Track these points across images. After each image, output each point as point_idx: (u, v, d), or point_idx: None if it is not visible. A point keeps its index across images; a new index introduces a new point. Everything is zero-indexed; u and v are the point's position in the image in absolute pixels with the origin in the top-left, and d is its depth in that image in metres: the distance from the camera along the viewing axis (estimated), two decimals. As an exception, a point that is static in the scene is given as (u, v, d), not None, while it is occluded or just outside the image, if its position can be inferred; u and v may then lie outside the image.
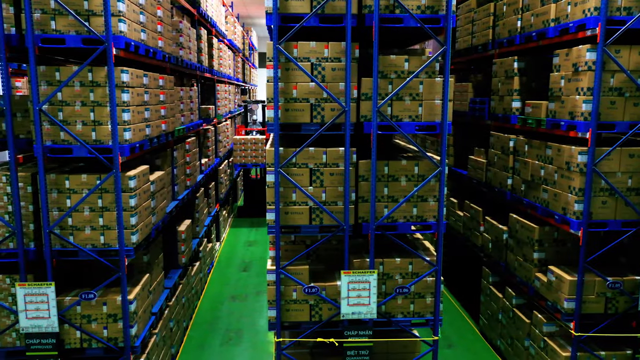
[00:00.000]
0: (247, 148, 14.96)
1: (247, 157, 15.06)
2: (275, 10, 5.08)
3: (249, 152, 15.02)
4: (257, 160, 15.19)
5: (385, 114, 5.38)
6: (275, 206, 5.43)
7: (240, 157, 15.07)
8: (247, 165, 15.05)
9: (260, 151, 15.06)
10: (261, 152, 15.05)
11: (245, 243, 13.57)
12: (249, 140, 14.85)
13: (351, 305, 5.58)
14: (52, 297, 5.33)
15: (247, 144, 14.92)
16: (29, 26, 4.92)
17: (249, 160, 15.07)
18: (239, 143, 14.96)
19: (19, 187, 5.27)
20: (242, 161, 15.04)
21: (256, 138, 15.00)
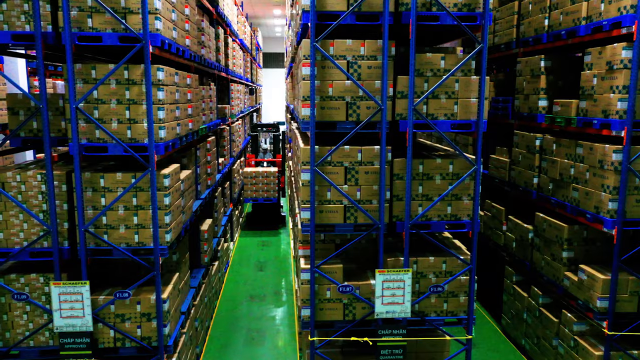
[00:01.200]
0: (258, 182, 14.09)
1: (259, 192, 14.20)
2: (312, 8, 5.06)
3: (260, 187, 14.18)
4: (269, 194, 14.24)
5: (420, 112, 5.36)
6: (310, 205, 5.41)
7: (251, 192, 14.21)
8: (259, 200, 14.20)
9: (273, 185, 14.12)
10: (273, 187, 14.12)
11: (258, 243, 13.55)
12: (260, 173, 13.98)
13: (385, 304, 5.56)
14: (86, 296, 5.30)
15: (258, 178, 14.05)
16: (67, 24, 4.89)
17: (260, 195, 14.20)
18: (250, 177, 14.08)
19: (54, 186, 5.24)
20: (253, 195, 14.20)
21: (268, 171, 14.05)
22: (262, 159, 15.21)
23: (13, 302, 5.47)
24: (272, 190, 14.09)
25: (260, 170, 14.02)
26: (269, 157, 15.95)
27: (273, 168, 14.26)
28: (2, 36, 4.98)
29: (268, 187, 14.11)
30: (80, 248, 5.28)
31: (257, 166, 15.12)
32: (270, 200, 14.09)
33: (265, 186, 14.09)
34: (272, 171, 13.93)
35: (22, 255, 5.35)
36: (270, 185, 14.06)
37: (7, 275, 5.44)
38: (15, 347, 5.50)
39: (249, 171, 14.00)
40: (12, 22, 5.01)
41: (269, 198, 14.15)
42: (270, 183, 14.04)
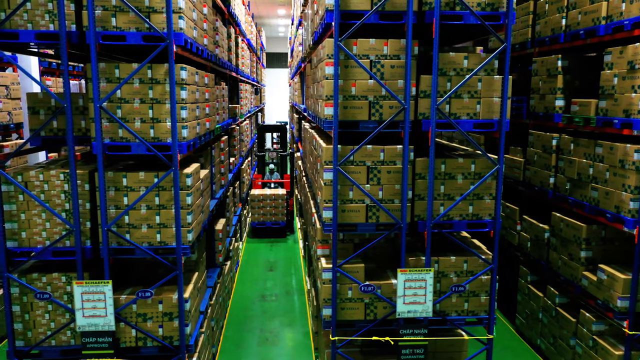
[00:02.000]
0: (266, 205, 13.35)
1: (267, 215, 13.42)
2: (337, 7, 5.05)
3: (268, 210, 13.39)
4: (277, 218, 13.48)
5: (443, 111, 5.36)
6: (333, 204, 5.40)
7: (258, 215, 13.45)
8: (266, 224, 13.46)
9: (281, 208, 13.40)
10: (281, 210, 13.40)
11: (267, 242, 13.54)
12: (268, 196, 13.22)
13: (407, 304, 5.55)
14: (109, 295, 5.30)
15: (266, 201, 13.29)
16: (91, 23, 4.89)
17: (268, 219, 13.43)
18: (257, 200, 13.28)
19: (77, 185, 5.23)
20: (260, 219, 13.49)
21: (276, 193, 13.29)
22: (269, 180, 14.41)
23: (35, 302, 5.46)
24: (280, 213, 13.41)
25: (268, 192, 13.31)
26: (276, 178, 15.01)
27: (281, 190, 13.58)
28: (27, 35, 4.97)
29: (276, 210, 13.42)
30: (103, 247, 5.28)
31: (263, 187, 14.32)
32: (278, 224, 13.45)
33: (273, 209, 13.41)
34: (281, 194, 13.25)
35: (44, 255, 5.35)
36: (279, 208, 13.37)
37: (29, 274, 5.43)
38: (37, 346, 5.49)
39: (257, 194, 13.28)
40: (36, 22, 5.01)
41: (277, 222, 13.46)
42: (278, 206, 13.35)
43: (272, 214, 13.38)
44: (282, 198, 13.19)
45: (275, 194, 13.21)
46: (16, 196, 5.28)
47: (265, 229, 13.69)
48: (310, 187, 8.61)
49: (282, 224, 13.41)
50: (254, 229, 13.71)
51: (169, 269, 5.95)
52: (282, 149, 14.93)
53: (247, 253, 12.61)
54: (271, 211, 13.35)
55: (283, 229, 13.68)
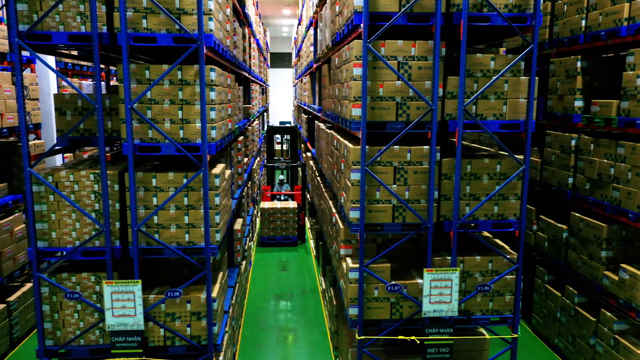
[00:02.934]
0: (276, 219, 12.70)
1: (277, 230, 12.82)
2: (365, 9, 5.09)
3: (278, 224, 12.76)
4: (288, 232, 12.87)
5: (470, 112, 5.40)
6: (360, 204, 5.45)
7: (268, 230, 12.84)
8: (277, 239, 12.86)
9: (292, 222, 12.79)
10: (292, 224, 12.80)
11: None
12: (278, 209, 12.61)
13: (433, 303, 5.60)
14: (138, 295, 5.34)
15: (276, 215, 12.66)
16: (123, 25, 4.93)
17: (278, 233, 12.85)
18: (268, 213, 12.65)
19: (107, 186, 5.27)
20: (270, 234, 12.87)
21: (287, 207, 12.68)
22: (278, 192, 13.84)
23: (64, 301, 5.50)
24: (291, 228, 12.86)
25: (278, 206, 12.72)
26: (286, 189, 14.39)
27: (292, 203, 13.02)
28: (59, 37, 5.01)
29: (287, 224, 12.85)
30: (133, 247, 5.31)
31: (272, 199, 13.69)
32: (289, 239, 12.89)
33: (284, 224, 12.82)
34: (292, 207, 12.66)
35: (74, 254, 5.38)
36: (290, 222, 12.82)
37: (58, 274, 5.47)
38: (66, 345, 5.53)
39: (267, 207, 12.67)
40: (68, 23, 5.04)
41: (288, 237, 12.90)
42: (289, 220, 12.79)
43: (283, 228, 12.85)
44: (293, 212, 12.67)
45: (286, 207, 12.64)
46: (47, 196, 5.32)
47: (275, 245, 13.14)
48: (328, 187, 8.65)
49: (293, 238, 12.90)
50: (264, 243, 13.12)
51: (194, 269, 5.99)
52: (292, 159, 14.22)
53: (259, 252, 12.65)
54: (282, 225, 12.81)
55: (294, 244, 13.13)
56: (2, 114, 7.45)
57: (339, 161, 6.53)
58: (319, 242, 11.35)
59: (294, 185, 14.17)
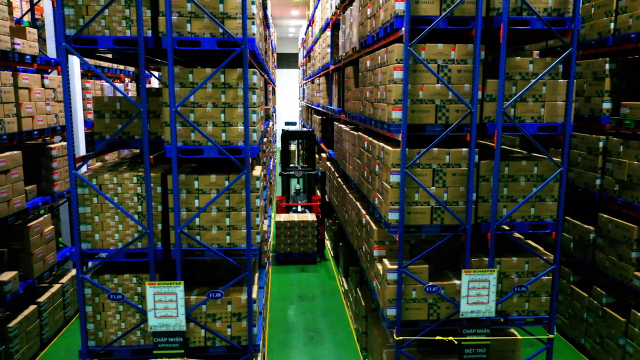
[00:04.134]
0: (294, 233, 11.48)
1: (294, 245, 11.60)
2: (407, 13, 5.14)
3: (295, 239, 11.55)
4: (307, 248, 11.61)
5: (508, 114, 5.45)
6: (399, 206, 5.50)
7: (285, 245, 11.61)
8: (294, 256, 11.65)
9: (311, 237, 11.54)
10: (311, 239, 11.55)
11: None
12: (296, 223, 11.40)
13: (470, 304, 5.65)
14: (180, 296, 5.39)
15: (294, 229, 11.45)
16: (169, 29, 4.98)
17: (296, 249, 11.63)
18: (284, 227, 11.46)
19: (151, 188, 5.32)
20: (287, 250, 11.64)
21: (306, 220, 11.46)
22: (294, 203, 12.68)
23: (107, 302, 5.56)
24: (309, 243, 11.65)
25: (296, 219, 11.50)
26: (303, 200, 13.21)
27: (310, 215, 11.84)
28: (105, 41, 5.06)
29: (305, 239, 11.61)
30: (176, 249, 5.37)
31: (288, 211, 12.68)
32: (308, 255, 11.69)
33: (302, 238, 11.58)
34: (310, 220, 11.48)
35: (117, 256, 5.44)
36: (308, 237, 11.59)
37: (101, 275, 5.52)
38: (109, 346, 5.58)
39: (283, 220, 11.45)
40: (114, 27, 5.10)
41: (306, 252, 11.68)
42: (308, 235, 11.56)
43: (301, 243, 11.65)
44: (312, 225, 11.49)
45: (305, 220, 11.48)
46: (90, 199, 5.37)
47: (293, 262, 11.99)
48: (353, 188, 8.70)
49: (312, 255, 11.73)
50: (280, 261, 11.95)
51: (229, 270, 6.05)
52: (310, 167, 13.00)
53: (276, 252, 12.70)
54: (299, 240, 11.62)
55: (313, 261, 11.96)
56: (32, 116, 7.50)
57: (371, 163, 6.58)
58: (338, 242, 11.40)
59: (311, 195, 13.13)
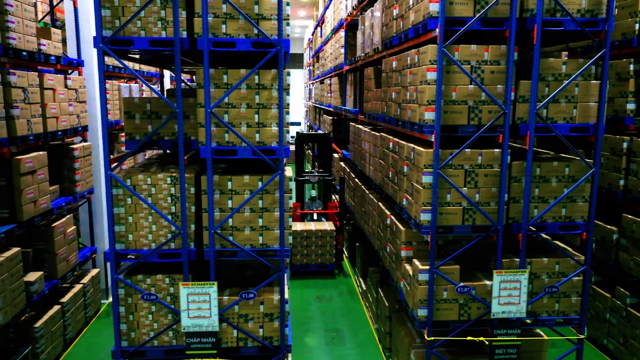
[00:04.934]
0: (310, 244, 10.83)
1: (311, 256, 10.94)
2: (441, 14, 5.16)
3: (312, 250, 10.88)
4: (324, 259, 10.90)
5: (541, 115, 5.46)
6: (432, 207, 5.51)
7: (301, 256, 10.92)
8: (310, 267, 10.96)
9: (329, 247, 10.91)
10: (330, 249, 10.91)
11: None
12: (313, 232, 10.76)
13: (502, 305, 5.66)
14: (214, 296, 5.40)
15: (311, 238, 10.80)
16: (205, 30, 4.99)
17: (312, 260, 10.95)
18: (301, 237, 10.80)
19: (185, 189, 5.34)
20: (303, 260, 10.95)
21: (323, 229, 10.77)
22: (309, 211, 11.98)
23: (139, 303, 5.57)
24: (327, 254, 10.95)
25: (313, 228, 10.83)
26: (318, 207, 12.37)
27: (327, 224, 11.17)
28: (141, 42, 5.08)
29: (323, 249, 10.90)
30: (209, 249, 5.38)
31: (303, 219, 12.00)
32: (326, 266, 11.01)
33: (320, 249, 10.89)
34: (328, 229, 10.82)
35: (151, 256, 5.45)
36: (326, 247, 10.90)
37: (134, 275, 5.54)
38: (142, 346, 5.60)
39: (300, 229, 10.79)
40: (149, 28, 5.11)
41: (324, 264, 10.99)
42: (325, 245, 10.88)
43: (318, 254, 10.95)
44: (330, 235, 10.85)
45: (322, 229, 10.82)
46: (124, 199, 5.39)
47: (309, 274, 11.23)
48: (373, 189, 8.70)
49: (330, 266, 11.06)
50: (296, 272, 11.27)
51: (258, 271, 6.07)
52: (326, 172, 12.36)
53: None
54: (317, 251, 10.93)
55: (330, 273, 11.26)
56: (57, 117, 7.52)
57: (397, 164, 6.59)
58: (354, 243, 11.41)
59: (327, 202, 12.39)
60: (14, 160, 6.45)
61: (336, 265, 11.28)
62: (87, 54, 8.90)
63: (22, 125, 6.55)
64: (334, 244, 10.99)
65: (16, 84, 6.43)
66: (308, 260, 10.98)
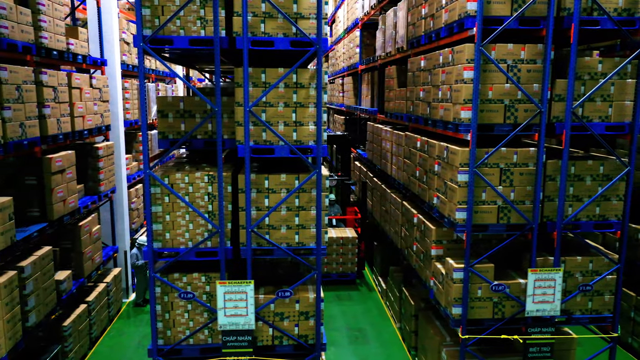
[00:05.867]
0: (331, 252, 10.27)
1: (331, 265, 10.36)
2: (480, 13, 5.17)
3: (333, 258, 10.31)
4: (345, 268, 10.35)
5: (576, 114, 5.48)
6: (468, 205, 5.52)
7: (322, 264, 10.09)
8: (332, 276, 10.42)
9: (351, 255, 10.31)
10: (351, 257, 10.33)
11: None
12: (334, 240, 10.26)
13: (536, 303, 5.67)
14: (250, 295, 5.41)
15: (331, 246, 10.28)
16: (245, 29, 5.00)
17: (333, 269, 10.39)
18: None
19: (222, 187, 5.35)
20: (324, 270, 10.33)
21: (345, 236, 10.25)
22: (329, 216, 11.17)
23: (175, 301, 5.58)
24: (349, 262, 10.37)
25: (334, 235, 10.33)
26: (337, 212, 11.68)
27: (348, 231, 10.62)
28: (180, 41, 5.09)
29: (344, 258, 10.34)
30: (247, 248, 5.39)
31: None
32: (347, 275, 10.45)
33: (341, 257, 10.30)
34: (350, 237, 10.31)
35: (188, 255, 5.46)
36: (348, 256, 10.34)
37: (170, 274, 5.55)
38: (178, 345, 5.61)
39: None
40: (188, 28, 5.12)
41: (345, 273, 10.42)
42: (347, 253, 10.32)
43: (340, 262, 10.36)
44: (352, 242, 10.31)
45: (344, 236, 10.30)
46: (162, 198, 5.40)
47: (330, 283, 10.58)
48: (396, 188, 8.71)
49: (351, 275, 10.51)
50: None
51: (291, 269, 6.08)
52: (346, 176, 11.74)
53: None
54: (338, 259, 10.35)
55: (352, 282, 10.66)
56: (83, 116, 7.53)
57: (427, 163, 6.60)
58: (373, 242, 11.42)
59: (345, 207, 11.81)
60: (45, 159, 6.46)
61: (358, 274, 10.73)
62: (109, 53, 8.92)
63: (52, 125, 6.57)
64: (357, 251, 10.44)
65: (47, 83, 6.44)
66: (329, 269, 10.44)
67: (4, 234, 5.42)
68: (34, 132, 6.13)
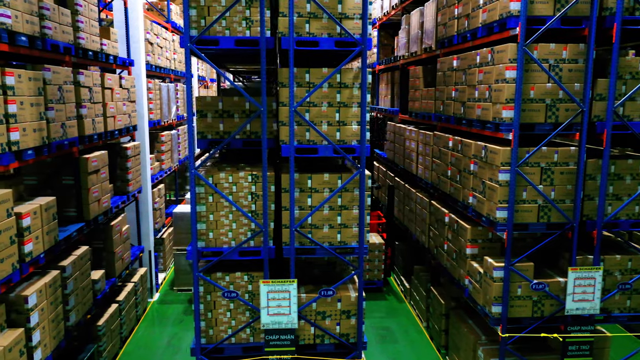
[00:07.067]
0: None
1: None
2: (523, 13, 5.20)
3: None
4: (372, 275, 9.95)
5: (617, 113, 5.50)
6: (509, 204, 5.55)
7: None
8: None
9: (377, 262, 9.89)
10: (377, 264, 9.89)
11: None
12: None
13: (576, 301, 5.70)
14: (294, 294, 5.44)
15: None
16: (291, 29, 5.03)
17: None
18: None
19: (267, 187, 5.37)
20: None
21: (371, 242, 9.92)
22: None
23: (218, 300, 5.61)
24: (375, 269, 9.95)
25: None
26: None
27: (374, 237, 10.27)
28: (226, 41, 5.12)
29: (371, 265, 9.91)
30: (290, 247, 5.42)
31: None
32: (374, 283, 10.06)
33: (367, 264, 9.86)
34: (377, 243, 9.91)
35: (232, 254, 5.49)
36: (374, 262, 9.92)
37: (212, 273, 5.58)
38: (220, 343, 5.63)
39: None
40: (234, 28, 5.15)
41: (372, 281, 10.02)
42: (373, 260, 9.91)
43: (366, 270, 9.86)
44: (379, 248, 9.91)
45: (370, 243, 9.83)
46: (206, 197, 5.43)
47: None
48: (421, 187, 8.73)
49: (378, 283, 10.08)
50: None
51: (327, 269, 6.10)
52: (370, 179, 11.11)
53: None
54: (364, 266, 9.85)
55: (379, 290, 10.21)
56: (114, 116, 7.55)
57: (461, 162, 6.62)
58: (394, 242, 11.43)
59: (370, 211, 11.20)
60: (82, 160, 6.49)
61: (384, 282, 10.35)
62: (135, 54, 8.95)
63: (88, 125, 6.59)
64: (383, 258, 10.00)
65: (84, 83, 6.47)
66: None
67: (49, 234, 5.45)
68: (73, 132, 6.16)
